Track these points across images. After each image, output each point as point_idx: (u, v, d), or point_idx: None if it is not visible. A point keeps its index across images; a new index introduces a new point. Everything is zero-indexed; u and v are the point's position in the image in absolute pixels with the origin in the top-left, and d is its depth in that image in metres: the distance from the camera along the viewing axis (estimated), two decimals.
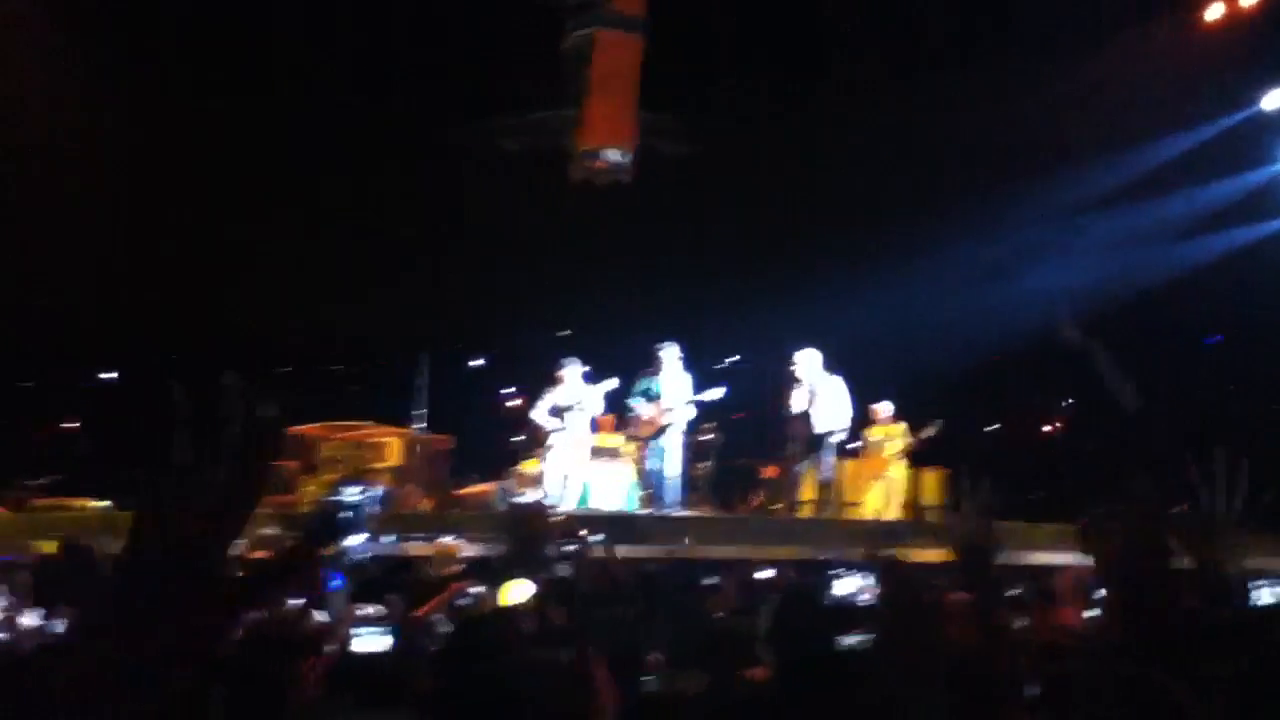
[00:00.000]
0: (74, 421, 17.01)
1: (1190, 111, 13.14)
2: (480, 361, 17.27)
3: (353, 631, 5.28)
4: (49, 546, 9.54)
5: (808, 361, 10.75)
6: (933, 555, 8.60)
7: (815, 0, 12.70)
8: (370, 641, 5.21)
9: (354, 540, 8.23)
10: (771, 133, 13.42)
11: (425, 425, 12.25)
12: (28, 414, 16.85)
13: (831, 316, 13.07)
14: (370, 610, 6.23)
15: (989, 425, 15.14)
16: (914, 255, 13.44)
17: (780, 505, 11.98)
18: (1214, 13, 13.12)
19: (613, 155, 12.74)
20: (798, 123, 13.45)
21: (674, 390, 10.75)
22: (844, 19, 12.77)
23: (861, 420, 11.51)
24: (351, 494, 8.46)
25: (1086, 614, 4.58)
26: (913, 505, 11.08)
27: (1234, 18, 13.03)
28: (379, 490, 8.48)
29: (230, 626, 2.57)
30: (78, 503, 11.06)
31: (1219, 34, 13.08)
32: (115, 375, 19.15)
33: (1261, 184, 13.39)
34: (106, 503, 11.03)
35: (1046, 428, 15.01)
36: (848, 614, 4.29)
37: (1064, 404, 15.80)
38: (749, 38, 12.91)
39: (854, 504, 11.33)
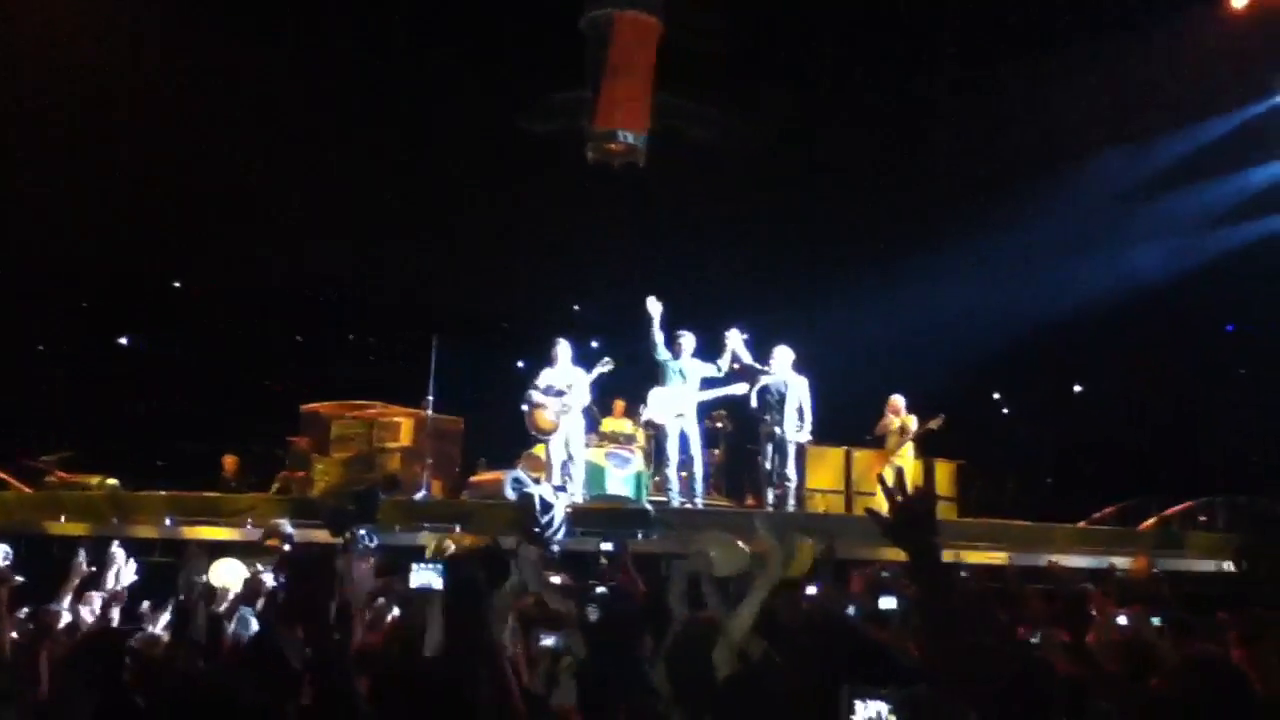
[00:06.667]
0: (89, 389, 16.79)
1: (1213, 102, 12.95)
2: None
3: None
4: (60, 527, 9.65)
5: (782, 358, 10.57)
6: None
7: None
8: None
9: (363, 529, 8.35)
10: (794, 122, 13.28)
11: (432, 405, 12.12)
12: (41, 380, 16.73)
13: (848, 310, 13.01)
14: None
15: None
16: (929, 251, 13.33)
17: None
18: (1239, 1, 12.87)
19: (628, 137, 12.67)
20: (820, 112, 13.31)
21: (695, 375, 10.50)
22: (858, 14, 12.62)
23: (879, 412, 11.46)
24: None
25: None
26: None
27: (1260, 5, 12.77)
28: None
29: None
30: (88, 479, 11.01)
31: (1244, 22, 12.84)
32: (127, 340, 19.07)
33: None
34: (114, 481, 10.99)
35: None
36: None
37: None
38: (777, 27, 12.75)
39: (868, 494, 11.32)
